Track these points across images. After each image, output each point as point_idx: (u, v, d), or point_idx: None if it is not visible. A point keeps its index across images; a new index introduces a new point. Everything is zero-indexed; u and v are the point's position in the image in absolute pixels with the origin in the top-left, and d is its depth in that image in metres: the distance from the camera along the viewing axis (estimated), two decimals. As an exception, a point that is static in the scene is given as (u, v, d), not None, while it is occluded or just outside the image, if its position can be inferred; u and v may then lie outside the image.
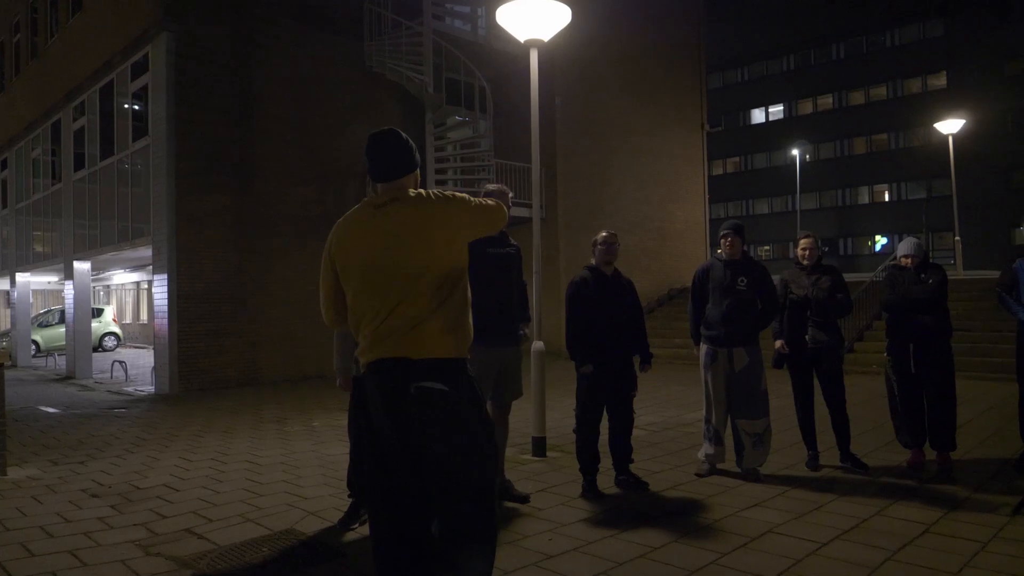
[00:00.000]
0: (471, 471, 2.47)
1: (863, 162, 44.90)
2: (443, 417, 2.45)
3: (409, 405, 2.46)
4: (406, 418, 2.47)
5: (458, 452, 2.46)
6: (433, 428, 2.45)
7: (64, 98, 16.48)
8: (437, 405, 2.45)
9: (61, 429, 8.61)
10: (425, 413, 2.45)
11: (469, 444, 2.48)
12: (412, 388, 2.45)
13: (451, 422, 2.46)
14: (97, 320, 22.92)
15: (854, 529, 4.17)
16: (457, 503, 2.48)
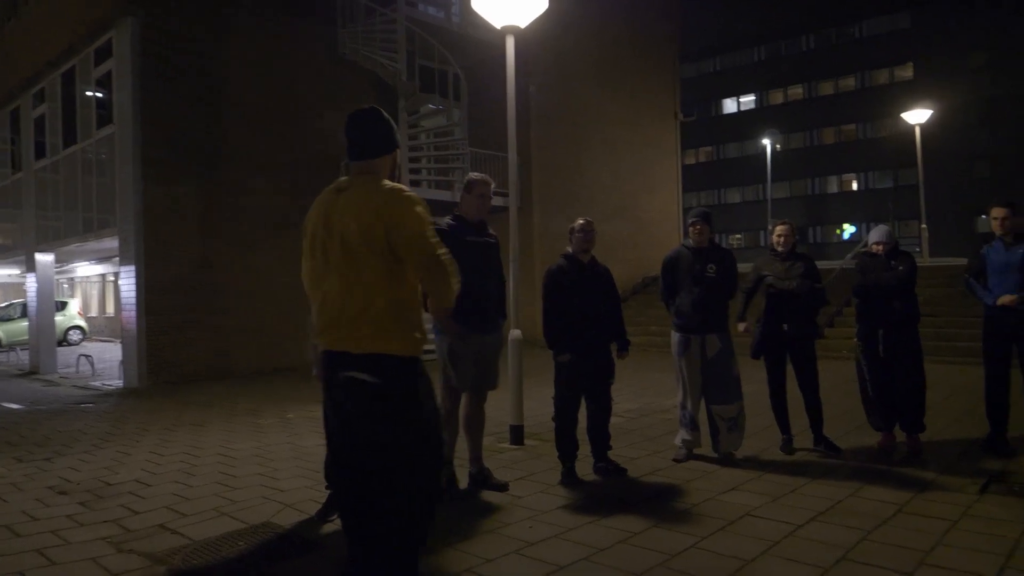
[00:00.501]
0: (384, 465, 2.52)
1: (832, 152, 45.52)
2: (363, 407, 2.52)
3: (338, 391, 2.57)
4: (335, 402, 2.60)
5: (372, 444, 2.52)
6: (353, 415, 2.54)
7: (23, 85, 16.03)
8: (359, 395, 2.52)
9: (25, 425, 8.41)
10: (349, 400, 2.55)
11: (386, 439, 2.51)
12: (341, 376, 2.55)
13: (370, 414, 2.51)
14: (61, 313, 22.44)
15: (829, 510, 4.22)
16: (367, 494, 2.54)
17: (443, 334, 4.70)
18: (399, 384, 2.55)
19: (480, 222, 4.88)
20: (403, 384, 2.56)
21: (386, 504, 2.52)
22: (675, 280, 5.60)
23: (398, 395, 2.54)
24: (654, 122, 20.70)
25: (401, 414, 2.54)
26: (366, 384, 2.51)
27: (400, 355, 2.56)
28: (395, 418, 2.53)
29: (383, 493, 2.52)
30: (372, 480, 2.53)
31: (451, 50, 14.77)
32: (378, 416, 2.52)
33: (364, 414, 2.53)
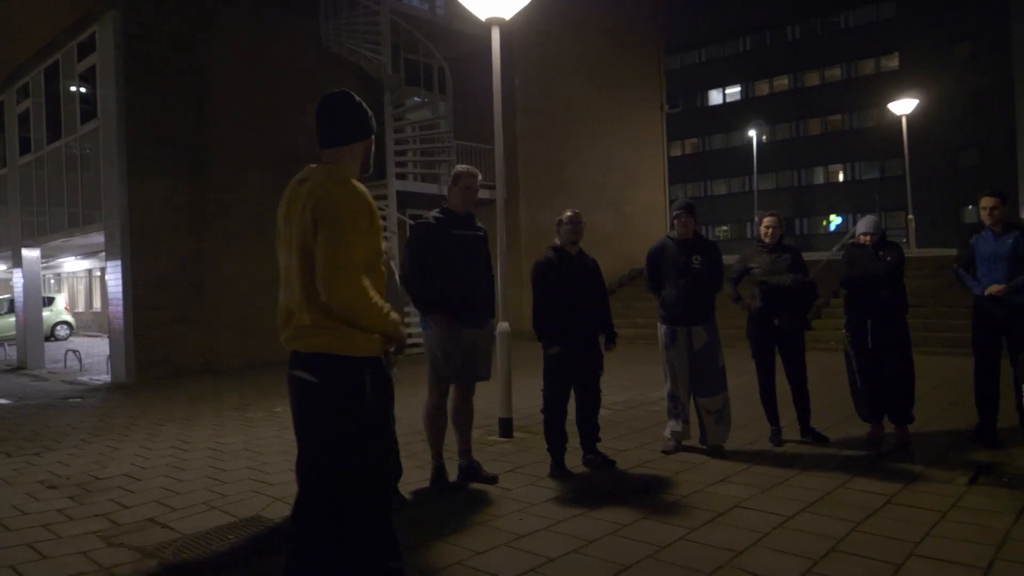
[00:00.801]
0: (317, 458, 2.49)
1: (818, 143, 45.64)
2: (306, 407, 2.50)
3: (290, 389, 2.56)
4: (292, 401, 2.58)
5: (312, 441, 2.50)
6: (299, 414, 2.53)
7: (7, 79, 15.86)
8: (304, 394, 2.50)
9: (14, 420, 8.36)
10: (294, 398, 2.54)
11: (322, 437, 2.48)
12: (289, 374, 2.54)
13: (311, 414, 2.49)
14: (48, 309, 22.26)
15: (818, 502, 4.26)
16: (308, 491, 2.51)
17: (430, 328, 4.69)
18: (343, 385, 2.45)
19: (467, 215, 4.87)
20: (347, 385, 2.45)
21: (329, 508, 2.47)
22: (660, 272, 5.62)
23: (341, 396, 2.45)
24: (640, 114, 20.71)
25: (344, 416, 2.45)
26: (308, 383, 2.46)
27: (344, 355, 2.45)
28: (338, 420, 2.45)
29: (327, 495, 2.47)
30: (317, 480, 2.49)
31: (436, 43, 14.71)
32: (321, 417, 2.46)
33: (307, 413, 2.50)
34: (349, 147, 2.62)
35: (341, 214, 2.41)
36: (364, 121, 2.65)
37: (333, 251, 2.38)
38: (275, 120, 13.55)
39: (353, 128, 2.62)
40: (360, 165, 2.68)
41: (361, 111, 2.65)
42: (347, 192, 2.46)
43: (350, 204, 2.44)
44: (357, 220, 2.44)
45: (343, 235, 2.39)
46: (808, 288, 5.69)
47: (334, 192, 2.44)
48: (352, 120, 2.62)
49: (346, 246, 2.39)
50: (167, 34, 12.42)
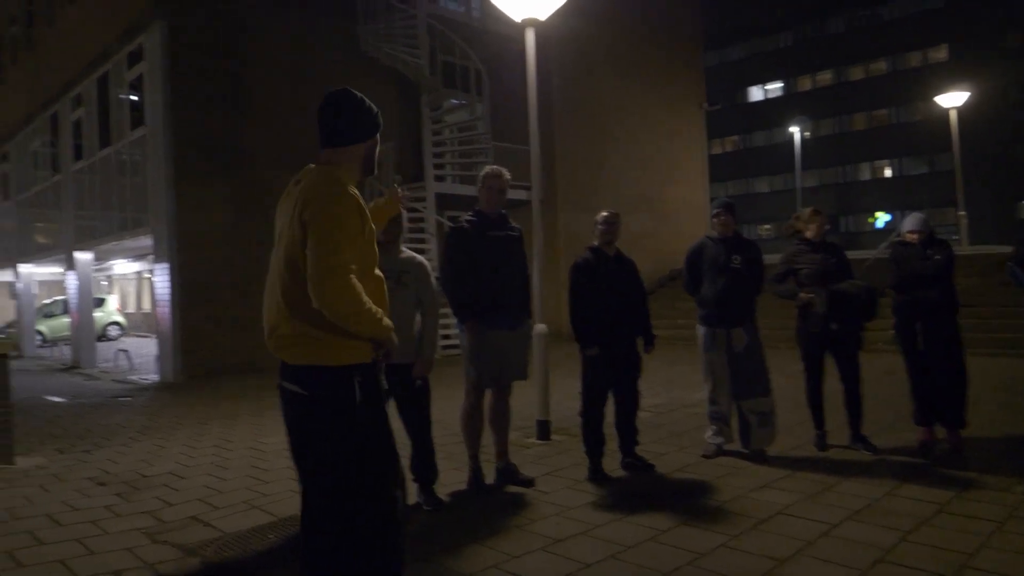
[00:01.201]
0: (314, 472, 2.46)
1: (863, 138, 44.62)
2: (296, 419, 2.47)
3: (281, 401, 2.52)
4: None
5: (306, 453, 2.46)
6: (288, 425, 2.49)
7: (61, 89, 16.37)
8: (293, 405, 2.46)
9: (67, 418, 8.61)
10: (284, 410, 2.50)
11: (315, 449, 2.43)
12: (278, 384, 2.50)
13: (300, 424, 2.46)
14: (100, 310, 22.91)
15: (865, 509, 4.13)
16: (310, 498, 2.48)
17: (465, 329, 4.70)
18: (333, 395, 2.39)
19: (501, 215, 4.86)
20: (338, 395, 2.39)
21: (327, 522, 2.44)
22: (699, 272, 5.53)
23: (332, 407, 2.39)
24: (678, 112, 20.51)
25: (337, 427, 2.39)
26: (298, 396, 2.42)
27: (333, 365, 2.38)
28: (332, 431, 2.39)
29: (324, 509, 2.44)
30: (314, 493, 2.46)
31: (472, 45, 14.75)
32: (313, 429, 2.42)
33: (299, 426, 2.46)
34: (348, 148, 2.52)
35: (329, 217, 2.31)
36: (365, 121, 2.53)
37: (323, 254, 2.28)
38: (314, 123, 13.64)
39: (351, 129, 2.51)
40: (362, 166, 2.57)
41: (362, 111, 2.53)
42: (336, 194, 2.36)
43: (338, 207, 2.34)
44: (346, 223, 2.34)
45: (332, 237, 2.29)
46: (875, 298, 5.46)
47: (324, 194, 2.35)
48: (351, 121, 2.51)
49: (336, 249, 2.29)
50: (210, 42, 12.68)
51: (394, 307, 4.33)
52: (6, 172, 21.10)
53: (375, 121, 2.56)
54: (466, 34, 15.25)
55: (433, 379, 4.51)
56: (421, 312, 4.45)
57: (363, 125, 2.53)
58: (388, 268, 4.35)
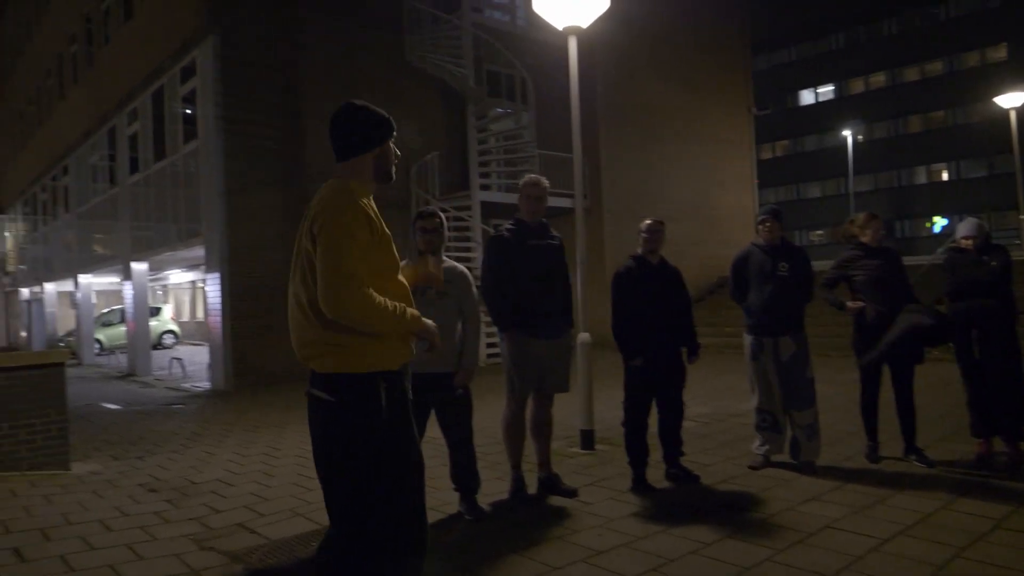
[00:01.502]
0: (336, 481, 2.45)
1: (919, 141, 43.41)
2: (322, 427, 2.46)
3: (308, 408, 2.52)
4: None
5: (330, 461, 2.45)
6: (314, 432, 2.49)
7: (118, 104, 16.93)
8: (319, 413, 2.46)
9: (122, 425, 8.86)
10: (310, 417, 2.50)
11: (339, 456, 2.43)
12: (305, 392, 2.51)
13: (326, 431, 2.45)
14: (156, 318, 23.59)
15: (918, 524, 3.99)
16: (329, 506, 2.48)
17: (506, 340, 4.70)
18: (358, 403, 2.40)
19: (541, 224, 4.84)
20: (363, 403, 2.40)
21: (341, 526, 2.44)
22: (746, 280, 5.44)
23: (358, 415, 2.40)
24: (726, 117, 20.25)
25: (360, 433, 2.40)
26: (324, 402, 2.43)
27: (356, 372, 2.40)
28: (353, 437, 2.40)
29: (341, 513, 2.44)
30: (332, 498, 2.47)
31: (517, 53, 14.82)
32: (336, 435, 2.42)
33: (323, 433, 2.46)
34: (355, 160, 2.53)
35: (337, 226, 2.34)
36: (368, 133, 2.54)
37: (332, 264, 2.31)
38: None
39: (354, 141, 2.53)
40: (374, 175, 2.57)
41: (363, 123, 2.54)
42: (343, 203, 2.40)
43: (345, 216, 2.37)
44: (354, 231, 2.36)
45: (340, 247, 2.32)
46: (949, 329, 5.25)
47: (331, 205, 2.40)
48: (352, 133, 2.53)
49: (345, 257, 2.31)
50: (260, 55, 12.99)
51: (435, 317, 4.36)
52: (67, 186, 21.90)
53: (378, 131, 2.57)
54: (511, 43, 15.34)
55: (480, 387, 4.51)
56: (462, 321, 4.46)
57: (364, 136, 2.54)
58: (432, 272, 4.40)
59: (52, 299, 25.12)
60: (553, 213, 14.61)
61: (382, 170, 2.58)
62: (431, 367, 4.36)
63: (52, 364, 6.13)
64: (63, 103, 22.14)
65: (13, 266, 30.06)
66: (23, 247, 28.76)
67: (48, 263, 24.42)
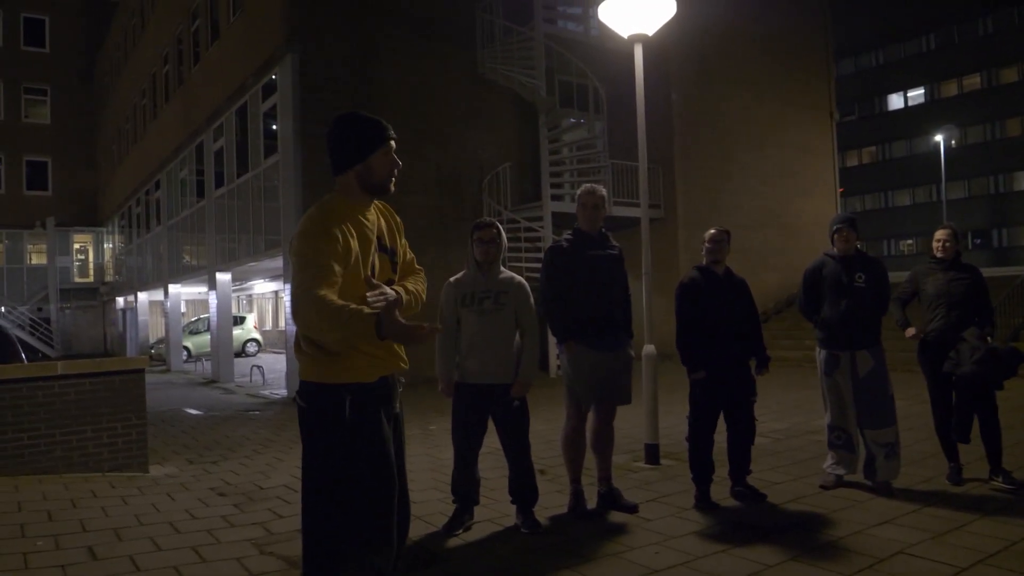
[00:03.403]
0: (307, 492, 2.50)
1: (1018, 145, 41.00)
2: (302, 430, 2.54)
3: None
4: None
5: (305, 467, 2.52)
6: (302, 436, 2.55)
7: (206, 121, 17.71)
8: (299, 417, 2.55)
9: (200, 430, 9.19)
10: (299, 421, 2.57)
11: (304, 464, 2.51)
12: (293, 397, 2.61)
13: (302, 438, 2.53)
14: (240, 327, 24.48)
15: (1001, 553, 3.73)
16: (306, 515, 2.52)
17: (565, 352, 4.65)
18: (321, 411, 2.46)
19: (601, 234, 4.77)
20: (325, 412, 2.45)
21: (306, 531, 2.50)
22: (818, 292, 5.22)
23: (319, 422, 2.47)
24: (807, 123, 19.61)
25: (320, 441, 2.47)
26: (300, 407, 2.54)
27: (325, 383, 2.45)
28: (315, 445, 2.48)
29: (312, 521, 2.49)
30: (305, 506, 2.52)
31: (590, 63, 14.75)
32: (307, 442, 2.52)
33: (302, 436, 2.55)
34: (342, 176, 2.55)
35: (298, 236, 2.42)
36: (346, 149, 2.53)
37: (294, 277, 2.39)
38: (434, 146, 14.15)
39: (335, 158, 2.56)
40: (361, 188, 2.55)
41: (344, 139, 2.53)
42: (309, 216, 2.46)
43: (305, 224, 2.43)
44: (312, 240, 2.37)
45: (297, 259, 2.38)
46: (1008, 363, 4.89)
47: (303, 219, 2.48)
48: (332, 150, 2.56)
49: (300, 270, 2.36)
50: (337, 72, 13.37)
51: (492, 328, 4.38)
52: (159, 199, 23.02)
53: (359, 145, 2.53)
54: (584, 53, 15.29)
55: (547, 399, 4.47)
56: (520, 333, 4.44)
57: (344, 153, 2.54)
58: (486, 289, 4.40)
59: (144, 308, 26.41)
60: (628, 223, 14.48)
61: (370, 184, 2.55)
62: (488, 378, 4.36)
63: (133, 370, 6.42)
64: (156, 121, 23.33)
65: (110, 277, 31.79)
66: (119, 258, 30.38)
67: (141, 273, 25.71)
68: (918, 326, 5.30)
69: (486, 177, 14.56)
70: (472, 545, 4.20)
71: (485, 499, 4.84)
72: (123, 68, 28.47)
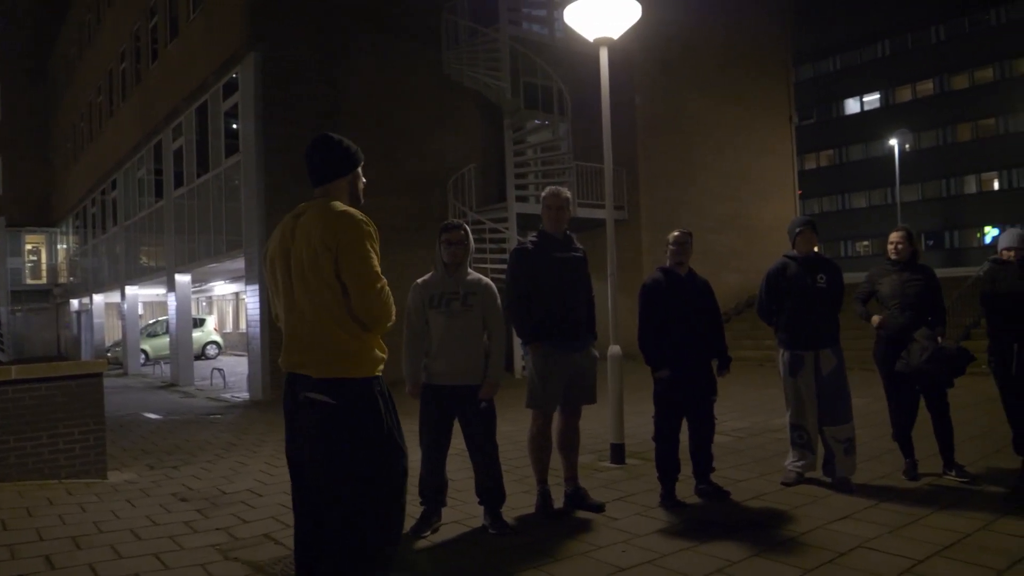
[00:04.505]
0: (337, 484, 2.54)
1: (969, 149, 42.31)
2: (318, 428, 2.56)
3: (300, 412, 2.62)
4: (295, 424, 2.66)
5: (328, 464, 2.55)
6: (310, 436, 2.58)
7: (164, 120, 17.39)
8: (316, 416, 2.56)
9: (160, 434, 9.02)
10: (306, 421, 2.59)
11: (341, 460, 2.53)
12: (301, 396, 2.60)
13: (325, 434, 2.55)
14: (199, 329, 24.07)
15: (955, 545, 3.85)
16: (324, 510, 2.59)
17: (530, 353, 4.67)
18: (360, 405, 2.58)
19: (566, 236, 4.81)
20: (364, 405, 2.59)
21: (342, 532, 2.55)
22: (780, 294, 5.33)
23: (359, 416, 2.57)
24: (767, 127, 19.97)
25: (363, 434, 2.56)
26: (326, 405, 2.55)
27: (358, 377, 2.59)
28: (355, 439, 2.55)
29: (340, 519, 2.55)
30: (329, 504, 2.57)
31: (555, 66, 14.81)
32: (337, 437, 2.55)
33: (324, 435, 2.57)
34: (334, 183, 2.79)
35: (356, 239, 2.58)
36: (346, 158, 2.80)
37: (363, 271, 2.55)
38: (401, 148, 14.08)
39: (335, 167, 2.79)
40: (351, 196, 2.80)
41: (341, 150, 2.81)
42: (354, 218, 2.63)
43: (360, 229, 2.60)
44: (373, 242, 2.61)
45: (363, 255, 2.56)
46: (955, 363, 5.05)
47: (343, 219, 2.61)
48: (335, 159, 2.80)
49: (371, 264, 2.57)
50: (300, 71, 13.22)
51: (460, 329, 4.38)
52: (115, 199, 22.54)
53: (352, 158, 2.82)
54: (549, 55, 15.35)
55: (513, 400, 4.49)
56: (487, 334, 4.45)
57: (345, 161, 2.80)
58: (454, 290, 4.40)
59: (100, 310, 25.82)
60: (592, 225, 14.58)
61: (356, 193, 2.82)
62: (455, 379, 4.36)
63: (91, 374, 6.27)
64: (112, 119, 22.84)
65: (64, 278, 31.03)
66: (74, 259, 29.67)
67: (97, 275, 25.14)
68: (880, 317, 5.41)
69: (451, 178, 14.54)
70: (440, 547, 4.20)
71: (452, 500, 4.84)
72: (78, 64, 27.81)
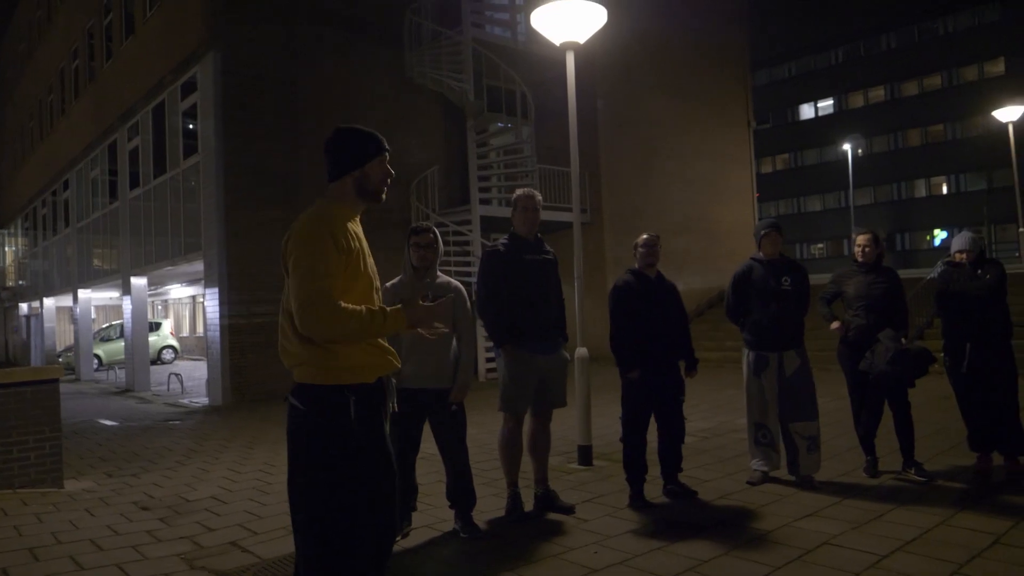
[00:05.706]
0: (297, 490, 2.48)
1: (918, 154, 43.59)
2: (289, 431, 2.50)
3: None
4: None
5: (294, 471, 2.49)
6: (289, 438, 2.51)
7: (119, 119, 16.98)
8: (289, 418, 2.50)
9: (117, 441, 8.80)
10: (288, 425, 2.52)
11: (302, 467, 2.46)
12: (285, 398, 2.55)
13: (295, 441, 2.48)
14: (155, 334, 23.54)
15: (917, 540, 3.95)
16: (292, 513, 2.52)
17: (503, 355, 4.67)
18: (326, 414, 2.44)
19: (537, 239, 4.83)
20: (329, 414, 2.44)
21: (304, 537, 2.47)
22: (746, 296, 5.41)
23: (324, 424, 2.44)
24: (726, 131, 20.30)
25: (324, 443, 2.43)
26: (296, 409, 2.49)
27: (325, 384, 2.45)
28: (316, 447, 2.43)
29: (301, 523, 2.47)
30: (294, 508, 2.50)
31: (518, 69, 14.84)
32: (304, 443, 2.46)
33: (292, 438, 2.50)
34: (339, 181, 2.64)
35: (302, 242, 2.43)
36: (352, 154, 2.63)
37: (298, 279, 2.37)
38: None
39: (334, 164, 2.64)
40: (358, 195, 2.65)
41: (347, 146, 2.64)
42: (309, 218, 2.50)
43: (308, 230, 2.45)
44: (318, 246, 2.41)
45: (306, 265, 2.38)
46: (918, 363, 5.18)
47: (301, 225, 2.49)
48: (333, 157, 2.65)
49: (311, 276, 2.36)
50: (261, 71, 13.03)
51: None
52: (67, 200, 21.94)
53: (358, 153, 2.63)
54: (511, 58, 15.37)
55: (479, 403, 4.48)
56: (457, 337, 4.44)
57: (343, 160, 2.63)
58: (423, 294, 4.38)
59: (51, 314, 25.09)
60: (554, 228, 14.63)
61: (365, 191, 2.64)
62: (425, 383, 4.34)
63: (46, 380, 6.10)
64: (64, 118, 22.23)
65: (12, 281, 30.09)
66: (23, 262, 28.80)
67: (47, 278, 24.43)
68: (842, 320, 5.55)
69: (414, 180, 14.47)
70: (411, 551, 4.17)
71: (422, 504, 4.82)
72: (27, 61, 27.02)
